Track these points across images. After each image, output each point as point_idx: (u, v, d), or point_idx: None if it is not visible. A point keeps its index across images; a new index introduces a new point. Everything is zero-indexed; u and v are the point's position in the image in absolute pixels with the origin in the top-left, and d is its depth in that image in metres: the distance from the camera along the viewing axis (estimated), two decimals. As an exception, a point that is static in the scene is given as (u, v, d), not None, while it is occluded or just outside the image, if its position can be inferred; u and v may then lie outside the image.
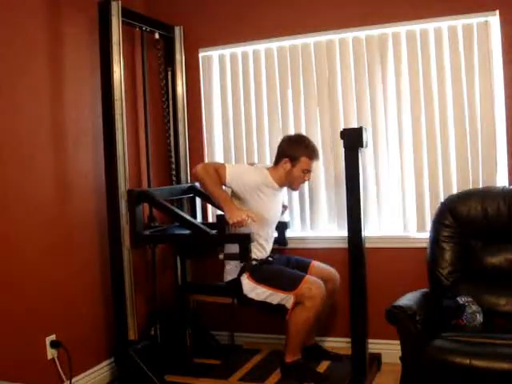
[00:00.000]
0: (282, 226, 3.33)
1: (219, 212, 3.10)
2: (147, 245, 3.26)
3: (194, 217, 3.47)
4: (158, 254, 3.38)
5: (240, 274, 2.97)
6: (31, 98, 2.80)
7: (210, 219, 3.66)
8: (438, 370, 2.33)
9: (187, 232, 3.04)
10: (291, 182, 3.09)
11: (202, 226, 3.00)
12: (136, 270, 3.11)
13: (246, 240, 2.84)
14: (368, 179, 3.31)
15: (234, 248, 2.93)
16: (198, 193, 3.43)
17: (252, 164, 3.31)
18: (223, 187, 3.02)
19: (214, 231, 2.94)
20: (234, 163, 3.56)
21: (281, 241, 3.35)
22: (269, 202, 3.04)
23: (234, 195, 3.02)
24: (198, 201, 3.52)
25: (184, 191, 3.44)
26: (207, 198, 3.30)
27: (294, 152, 3.03)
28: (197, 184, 3.36)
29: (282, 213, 3.31)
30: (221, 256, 3.00)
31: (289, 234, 3.43)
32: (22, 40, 2.75)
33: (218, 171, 2.95)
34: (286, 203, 3.44)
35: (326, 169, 3.42)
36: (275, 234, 3.26)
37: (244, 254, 2.85)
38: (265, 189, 3.02)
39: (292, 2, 3.41)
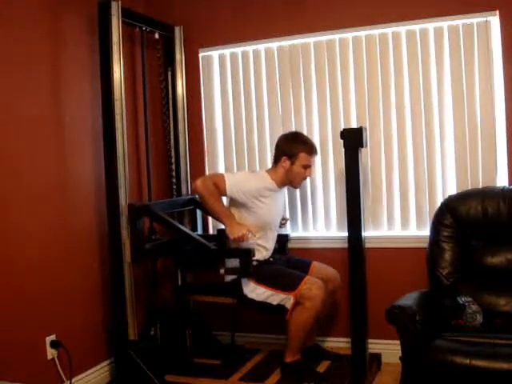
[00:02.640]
0: (282, 239, 3.32)
1: (221, 226, 3.11)
2: (148, 259, 3.25)
3: (195, 229, 3.47)
4: (158, 263, 3.38)
5: (240, 275, 2.98)
6: (31, 97, 2.80)
7: (211, 231, 3.65)
8: (438, 370, 2.33)
9: (188, 245, 3.05)
10: (292, 180, 3.09)
11: (203, 240, 3.00)
12: (136, 272, 3.10)
13: (246, 255, 2.87)
14: (368, 179, 3.31)
15: (234, 261, 2.96)
16: (198, 205, 3.41)
17: (253, 171, 3.31)
18: (224, 198, 3.04)
19: (213, 243, 2.96)
20: (235, 170, 3.57)
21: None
22: (270, 204, 3.05)
23: (236, 202, 3.03)
24: (199, 212, 3.51)
25: (184, 203, 3.44)
26: (207, 211, 3.29)
27: (292, 149, 3.04)
28: (197, 196, 3.37)
29: (283, 225, 3.31)
30: (222, 270, 3.03)
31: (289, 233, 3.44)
32: (21, 40, 2.75)
33: (218, 185, 2.96)
34: (288, 215, 3.43)
35: (326, 169, 3.42)
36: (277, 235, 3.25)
37: (245, 269, 2.88)
38: (266, 192, 3.03)
39: (292, 2, 3.41)
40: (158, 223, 3.19)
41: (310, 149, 3.06)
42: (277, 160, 3.10)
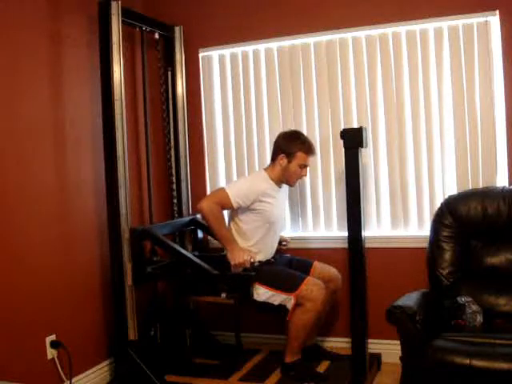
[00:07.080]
0: None
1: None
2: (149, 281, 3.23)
3: (196, 248, 3.48)
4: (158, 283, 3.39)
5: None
6: (31, 98, 2.80)
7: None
8: (438, 370, 2.33)
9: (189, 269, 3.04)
10: (288, 178, 3.10)
11: (205, 265, 2.98)
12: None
13: (247, 281, 2.88)
14: (368, 179, 3.31)
15: None
16: (199, 225, 3.43)
17: (252, 173, 3.32)
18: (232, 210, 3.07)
19: (216, 271, 2.95)
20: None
21: None
22: (274, 204, 3.06)
23: (241, 208, 3.04)
24: (199, 232, 3.51)
25: (186, 224, 3.44)
26: (209, 231, 3.29)
27: (290, 148, 3.04)
28: (198, 216, 3.38)
29: (284, 246, 3.31)
30: (223, 295, 3.00)
31: (289, 233, 3.44)
32: (21, 40, 2.75)
33: (222, 203, 2.98)
34: (288, 236, 3.41)
35: (327, 169, 3.42)
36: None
37: (246, 295, 2.89)
38: (269, 192, 3.04)
39: (292, 2, 3.41)
40: (160, 247, 3.19)
41: (308, 149, 3.07)
42: (274, 157, 3.10)
